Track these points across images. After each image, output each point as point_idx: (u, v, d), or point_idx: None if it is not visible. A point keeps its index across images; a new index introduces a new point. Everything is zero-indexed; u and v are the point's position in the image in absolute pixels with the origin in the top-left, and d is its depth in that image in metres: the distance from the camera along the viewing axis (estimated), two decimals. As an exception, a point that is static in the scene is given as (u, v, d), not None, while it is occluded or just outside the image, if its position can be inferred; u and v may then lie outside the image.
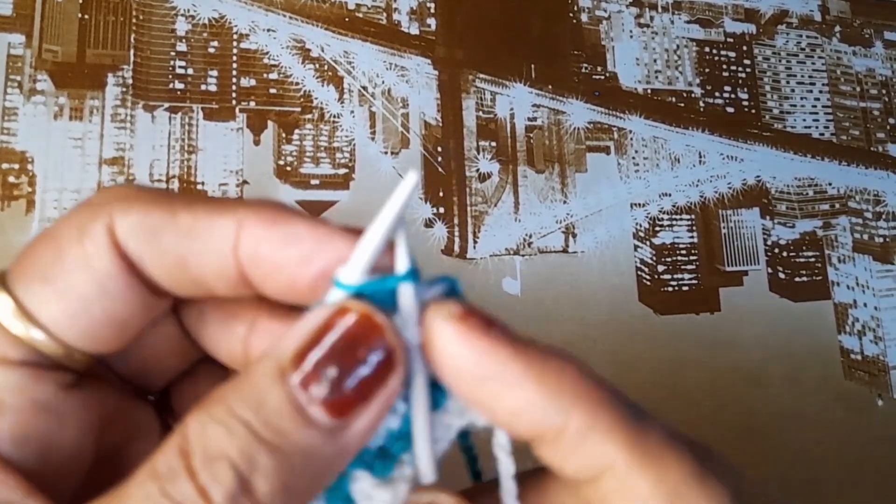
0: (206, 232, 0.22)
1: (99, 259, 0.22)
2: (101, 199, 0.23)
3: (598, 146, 0.68)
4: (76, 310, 0.22)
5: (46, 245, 0.23)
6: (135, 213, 0.23)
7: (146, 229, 0.22)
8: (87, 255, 0.22)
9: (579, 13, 0.71)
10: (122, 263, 0.23)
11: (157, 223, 0.22)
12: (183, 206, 0.23)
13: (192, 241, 0.22)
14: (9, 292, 0.23)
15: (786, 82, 0.75)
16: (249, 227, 0.22)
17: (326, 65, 0.65)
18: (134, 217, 0.22)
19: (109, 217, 0.23)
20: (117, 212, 0.23)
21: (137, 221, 0.22)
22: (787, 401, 0.65)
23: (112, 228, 0.22)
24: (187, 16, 0.62)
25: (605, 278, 0.65)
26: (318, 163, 0.63)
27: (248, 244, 0.22)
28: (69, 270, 0.22)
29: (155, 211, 0.23)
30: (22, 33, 0.59)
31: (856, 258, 0.71)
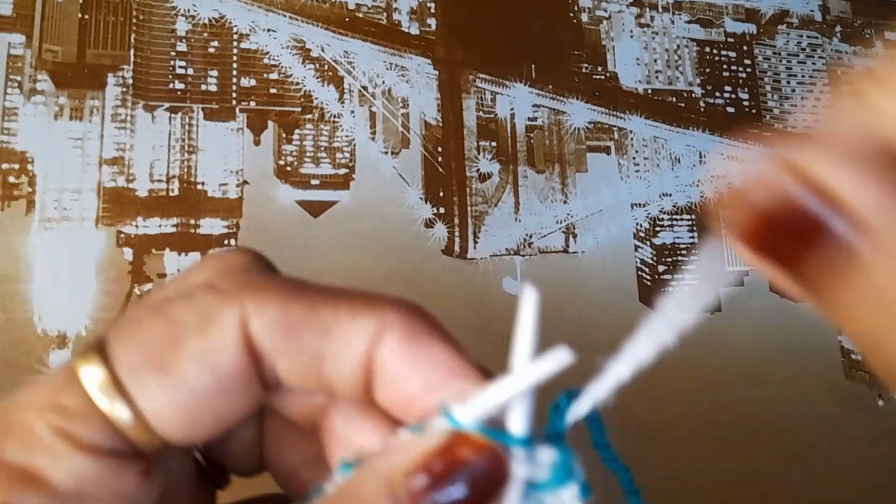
0: (347, 332, 0.21)
1: (224, 355, 0.20)
2: (229, 285, 0.21)
3: (599, 146, 0.68)
4: (185, 405, 0.20)
5: (161, 324, 0.21)
6: (273, 307, 0.21)
7: (286, 327, 0.21)
8: (212, 348, 0.20)
9: (579, 13, 0.71)
10: (249, 361, 0.21)
11: (297, 321, 0.21)
12: (323, 300, 0.21)
13: (331, 342, 0.21)
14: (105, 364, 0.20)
15: (786, 82, 0.75)
16: (390, 336, 0.21)
17: (327, 65, 0.65)
18: (272, 313, 0.21)
19: (242, 309, 0.20)
20: (252, 304, 0.21)
21: (277, 318, 0.21)
22: (787, 401, 0.65)
23: (245, 323, 0.20)
24: (187, 16, 0.62)
25: (605, 278, 0.65)
26: (318, 163, 0.63)
27: (385, 353, 0.21)
28: (187, 363, 0.20)
29: (295, 306, 0.21)
30: (22, 33, 0.59)
31: (856, 258, 0.71)
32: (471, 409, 0.20)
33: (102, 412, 0.20)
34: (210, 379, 0.20)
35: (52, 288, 0.55)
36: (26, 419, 0.20)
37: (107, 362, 0.20)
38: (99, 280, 0.56)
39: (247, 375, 0.21)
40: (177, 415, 0.20)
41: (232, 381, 0.21)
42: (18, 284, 0.54)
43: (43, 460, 0.19)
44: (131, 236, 0.58)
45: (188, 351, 0.20)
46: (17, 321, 0.54)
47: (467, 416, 0.20)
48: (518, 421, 0.20)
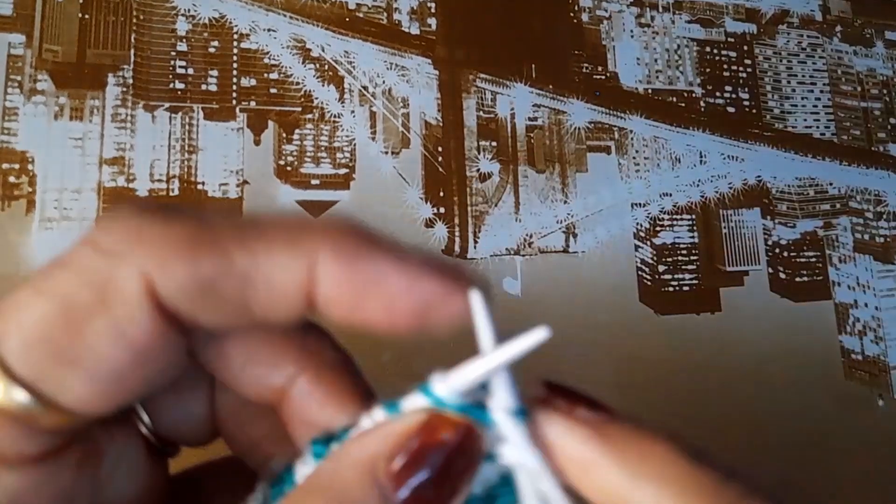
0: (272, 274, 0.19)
1: (135, 327, 0.18)
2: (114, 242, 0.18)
3: (599, 146, 0.68)
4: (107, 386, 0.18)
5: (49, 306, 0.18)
6: (181, 266, 0.18)
7: (199, 285, 0.18)
8: (119, 323, 0.18)
9: (580, 13, 0.71)
10: (165, 325, 0.19)
11: (211, 275, 0.18)
12: (236, 244, 0.19)
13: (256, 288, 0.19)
14: None
15: (787, 82, 0.75)
16: (326, 268, 0.19)
17: (327, 65, 0.65)
18: (181, 272, 0.18)
19: (141, 272, 0.18)
20: (154, 265, 0.18)
21: (187, 277, 0.18)
22: (788, 401, 0.65)
23: (151, 287, 0.18)
24: (188, 16, 0.62)
25: (605, 278, 0.65)
26: (318, 163, 0.63)
27: (324, 287, 0.19)
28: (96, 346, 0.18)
29: (205, 259, 0.18)
30: (22, 33, 0.59)
31: (857, 258, 0.71)
32: (450, 384, 0.20)
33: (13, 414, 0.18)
34: (125, 354, 0.18)
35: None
36: None
37: None
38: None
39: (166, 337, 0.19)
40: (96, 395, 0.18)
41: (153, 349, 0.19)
42: (18, 284, 0.54)
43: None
44: (131, 236, 0.58)
45: (91, 333, 0.18)
46: (17, 321, 0.54)
47: (446, 390, 0.20)
48: (504, 395, 0.20)
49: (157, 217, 0.19)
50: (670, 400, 0.62)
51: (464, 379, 0.20)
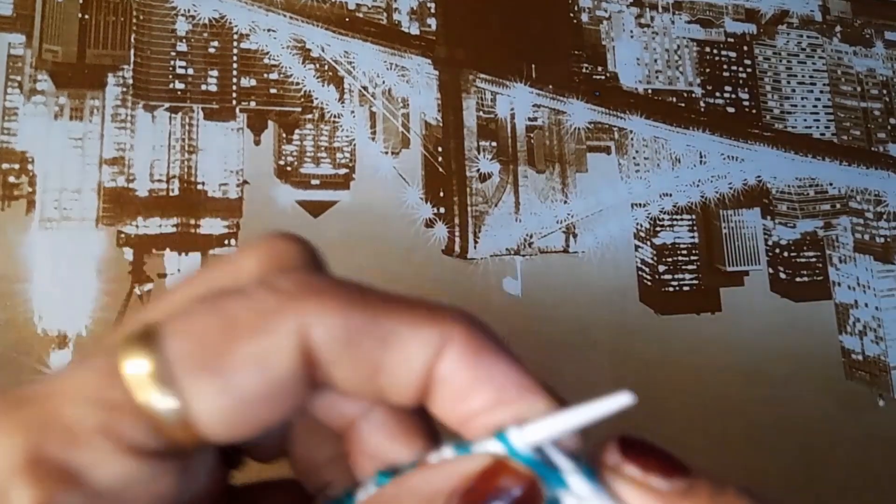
0: (407, 344, 0.20)
1: (280, 361, 0.20)
2: (288, 285, 0.20)
3: (599, 146, 0.68)
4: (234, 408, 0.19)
5: (216, 320, 0.20)
6: (335, 315, 0.20)
7: (345, 336, 0.20)
8: (266, 352, 0.20)
9: (579, 13, 0.71)
10: (304, 368, 0.20)
11: (358, 329, 0.20)
12: (383, 309, 0.21)
13: (391, 352, 0.20)
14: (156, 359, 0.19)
15: (786, 82, 0.75)
16: (453, 349, 0.20)
17: (327, 65, 0.65)
18: (334, 321, 0.20)
19: (302, 314, 0.20)
20: (313, 310, 0.20)
21: (338, 327, 0.20)
22: (787, 401, 0.65)
23: (305, 329, 0.20)
24: (187, 16, 0.62)
25: (605, 278, 0.65)
26: (318, 163, 0.63)
27: (447, 367, 0.20)
28: (241, 365, 0.19)
29: (356, 314, 0.20)
30: (22, 33, 0.59)
31: (857, 258, 0.71)
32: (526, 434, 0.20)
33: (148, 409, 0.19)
34: (262, 383, 0.20)
35: (52, 288, 0.55)
36: (68, 412, 0.19)
37: (155, 354, 0.19)
38: (99, 280, 0.56)
39: (299, 381, 0.20)
40: (223, 416, 0.20)
41: (283, 387, 0.20)
42: (18, 284, 0.54)
43: (86, 459, 0.18)
44: (131, 236, 0.58)
45: (243, 353, 0.19)
46: (17, 321, 0.54)
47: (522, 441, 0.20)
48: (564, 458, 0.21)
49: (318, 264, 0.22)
50: (670, 400, 0.62)
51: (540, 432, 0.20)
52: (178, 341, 0.19)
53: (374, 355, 0.20)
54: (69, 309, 0.55)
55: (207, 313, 0.20)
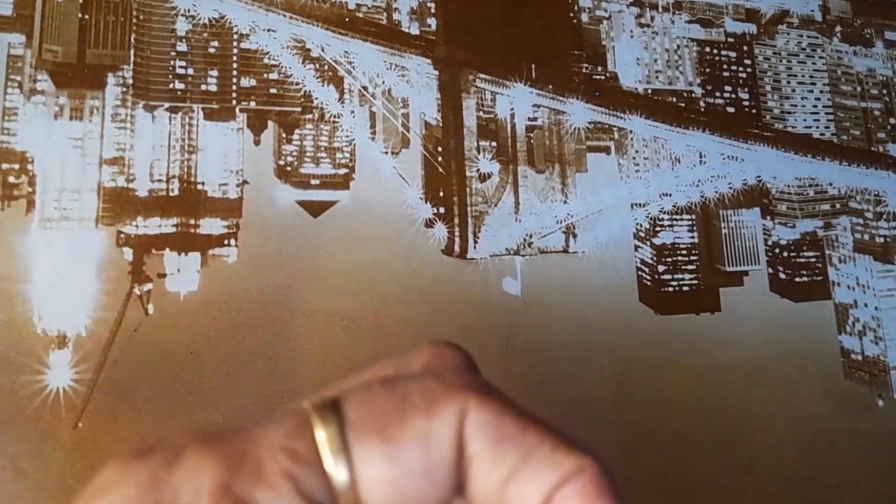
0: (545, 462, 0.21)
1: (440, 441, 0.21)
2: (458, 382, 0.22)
3: (599, 146, 0.68)
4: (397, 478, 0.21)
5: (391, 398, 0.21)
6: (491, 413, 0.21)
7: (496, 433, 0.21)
8: (430, 431, 0.21)
9: (579, 13, 0.71)
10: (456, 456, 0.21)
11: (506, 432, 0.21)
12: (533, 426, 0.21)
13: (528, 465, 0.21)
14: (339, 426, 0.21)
15: (786, 82, 0.75)
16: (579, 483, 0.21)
17: (327, 65, 0.65)
18: (489, 418, 0.21)
19: (464, 404, 0.21)
20: (473, 402, 0.21)
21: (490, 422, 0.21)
22: (787, 400, 0.65)
23: (463, 417, 0.21)
24: (187, 16, 0.62)
25: (605, 278, 0.65)
26: (318, 163, 0.63)
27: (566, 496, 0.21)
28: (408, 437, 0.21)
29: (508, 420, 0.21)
30: (22, 33, 0.59)
31: (856, 258, 0.71)
32: None
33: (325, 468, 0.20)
34: (423, 460, 0.21)
35: (52, 288, 0.55)
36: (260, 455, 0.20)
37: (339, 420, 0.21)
38: (99, 280, 0.56)
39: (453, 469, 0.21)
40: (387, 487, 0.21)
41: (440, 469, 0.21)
42: (18, 284, 0.54)
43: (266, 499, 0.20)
44: (131, 236, 0.58)
45: (411, 427, 0.21)
46: (17, 321, 0.54)
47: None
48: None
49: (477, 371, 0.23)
50: (670, 399, 0.62)
51: None
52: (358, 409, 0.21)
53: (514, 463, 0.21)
54: (69, 309, 0.55)
55: (384, 390, 0.22)
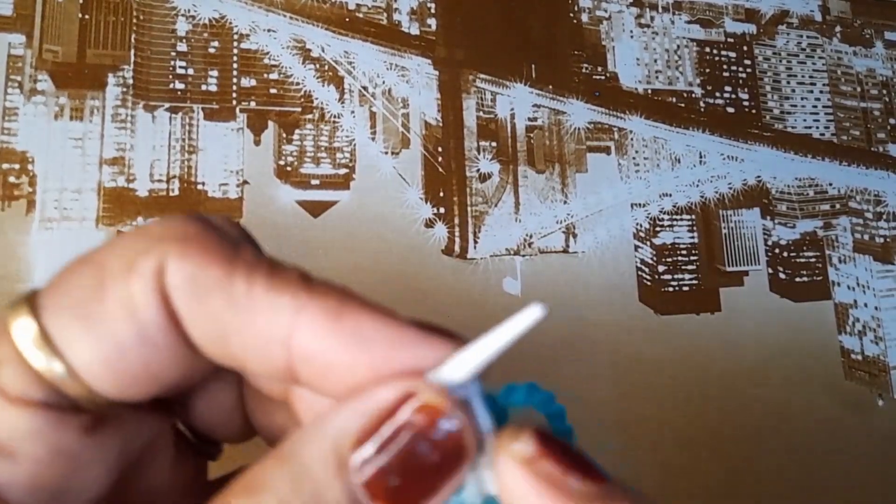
0: (258, 310, 0.19)
1: (143, 304, 0.19)
2: (159, 233, 0.20)
3: (599, 146, 0.68)
4: (111, 356, 0.19)
5: (88, 272, 0.20)
6: (190, 262, 0.19)
7: (196, 286, 0.19)
8: (132, 296, 0.19)
9: (579, 13, 0.71)
10: (167, 314, 0.19)
11: (209, 282, 0.19)
12: (244, 269, 0.19)
13: (240, 316, 0.19)
14: (35, 316, 0.19)
15: (786, 82, 0.75)
16: (309, 317, 0.19)
17: (327, 65, 0.65)
18: (187, 267, 0.19)
19: (162, 258, 0.19)
20: (172, 255, 0.19)
21: (190, 274, 0.19)
22: (788, 401, 0.65)
23: (162, 272, 0.19)
24: (188, 16, 0.62)
25: (605, 278, 0.65)
26: (318, 163, 0.63)
27: (304, 338, 0.19)
28: (109, 310, 0.19)
29: (212, 267, 0.19)
30: (22, 33, 0.59)
31: (856, 258, 0.71)
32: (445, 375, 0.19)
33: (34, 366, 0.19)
34: (132, 329, 0.19)
35: (53, 288, 0.55)
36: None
37: (36, 314, 0.19)
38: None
39: (169, 331, 0.19)
40: (105, 367, 0.19)
41: (156, 334, 0.19)
42: (18, 284, 0.54)
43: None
44: (131, 236, 0.58)
45: (109, 297, 0.19)
46: (17, 321, 0.54)
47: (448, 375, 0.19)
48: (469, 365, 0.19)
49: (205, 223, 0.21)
50: (670, 400, 0.62)
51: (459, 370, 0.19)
52: (53, 294, 0.19)
53: (223, 315, 0.19)
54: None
55: (80, 265, 0.20)
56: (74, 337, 0.19)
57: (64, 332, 0.19)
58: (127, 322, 0.19)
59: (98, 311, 0.19)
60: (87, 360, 0.19)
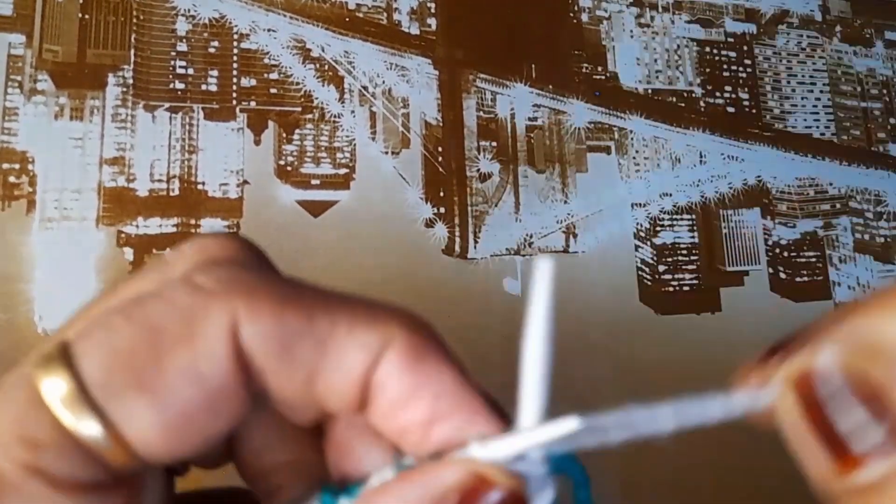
0: (344, 347, 0.19)
1: (213, 369, 0.18)
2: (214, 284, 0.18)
3: (599, 146, 0.68)
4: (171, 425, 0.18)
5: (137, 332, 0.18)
6: (266, 315, 0.18)
7: (279, 339, 0.18)
8: (198, 360, 0.18)
9: (579, 13, 0.71)
10: (241, 376, 0.18)
11: (292, 332, 0.18)
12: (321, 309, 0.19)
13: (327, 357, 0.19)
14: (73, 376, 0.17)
15: (786, 82, 0.75)
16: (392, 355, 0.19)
17: (327, 65, 0.65)
18: (265, 322, 0.18)
19: (231, 317, 0.18)
20: (243, 311, 0.18)
21: (270, 328, 0.18)
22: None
23: (235, 331, 0.18)
24: (188, 16, 0.62)
25: (605, 278, 0.65)
26: (318, 163, 0.63)
27: (385, 373, 0.19)
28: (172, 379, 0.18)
29: (290, 315, 0.18)
30: (22, 33, 0.59)
31: (857, 258, 0.71)
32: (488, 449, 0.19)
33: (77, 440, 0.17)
34: (198, 394, 0.18)
35: (53, 288, 0.55)
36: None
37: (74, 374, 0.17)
38: (99, 280, 0.56)
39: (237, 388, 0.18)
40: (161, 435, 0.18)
41: (221, 396, 0.18)
42: (19, 284, 0.54)
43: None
44: (132, 236, 0.58)
45: (173, 365, 0.18)
46: (17, 321, 0.54)
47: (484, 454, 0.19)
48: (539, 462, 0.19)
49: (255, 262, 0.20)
50: (670, 400, 0.62)
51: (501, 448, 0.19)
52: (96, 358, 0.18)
53: (309, 360, 0.19)
54: (70, 309, 0.55)
55: (125, 322, 0.18)
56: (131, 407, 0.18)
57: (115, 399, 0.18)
58: (193, 388, 0.18)
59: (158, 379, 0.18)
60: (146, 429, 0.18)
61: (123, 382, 0.18)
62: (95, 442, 0.17)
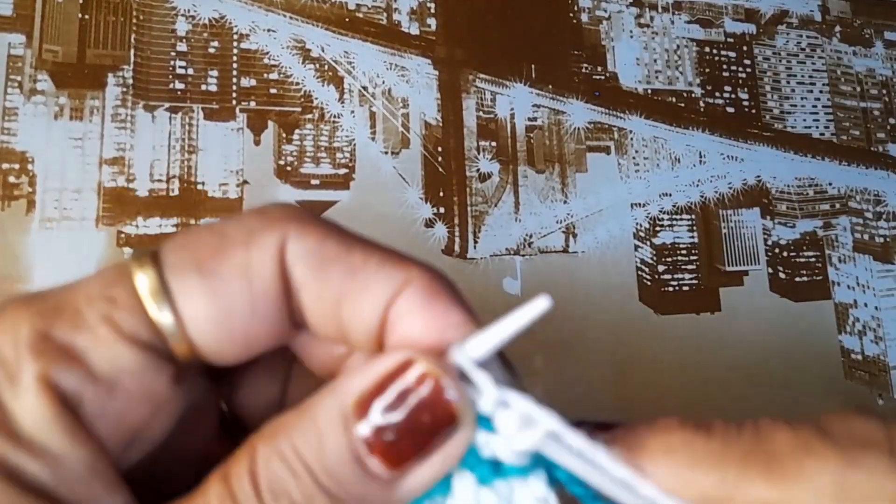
0: (371, 278, 0.22)
1: (260, 272, 0.21)
2: (278, 213, 0.22)
3: (599, 146, 0.68)
4: (220, 314, 0.21)
5: (210, 238, 0.22)
6: (311, 238, 0.22)
7: (318, 258, 0.22)
8: (251, 263, 0.21)
9: (579, 13, 0.71)
10: (281, 286, 0.22)
11: (330, 256, 0.22)
12: (358, 245, 0.23)
13: (356, 284, 0.22)
14: (157, 270, 0.21)
15: (786, 82, 0.75)
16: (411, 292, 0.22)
17: (327, 65, 0.65)
18: (309, 243, 0.22)
19: (283, 233, 0.22)
20: (293, 231, 0.22)
21: (311, 247, 0.22)
22: (787, 400, 0.65)
23: (283, 246, 0.22)
24: (187, 16, 0.62)
25: (605, 278, 0.65)
26: (318, 163, 0.63)
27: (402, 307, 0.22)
28: (227, 272, 0.21)
29: (331, 243, 0.22)
30: (22, 33, 0.59)
31: (856, 258, 0.71)
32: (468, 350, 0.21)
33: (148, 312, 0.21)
34: (245, 292, 0.21)
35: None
36: (77, 303, 0.21)
37: (158, 267, 0.21)
38: (99, 280, 0.56)
39: (278, 300, 0.22)
40: (212, 323, 0.21)
41: (264, 301, 0.21)
42: (18, 284, 0.54)
43: (86, 342, 0.20)
44: (131, 236, 0.58)
45: (229, 260, 0.21)
46: (17, 321, 0.54)
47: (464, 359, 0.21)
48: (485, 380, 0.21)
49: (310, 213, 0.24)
50: (670, 400, 0.62)
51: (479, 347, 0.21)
52: (176, 251, 0.22)
53: (340, 284, 0.22)
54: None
55: (204, 230, 0.22)
56: (190, 291, 0.21)
57: (181, 286, 0.21)
58: (242, 285, 0.21)
59: (216, 270, 0.21)
60: (198, 314, 0.21)
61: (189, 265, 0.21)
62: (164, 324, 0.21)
